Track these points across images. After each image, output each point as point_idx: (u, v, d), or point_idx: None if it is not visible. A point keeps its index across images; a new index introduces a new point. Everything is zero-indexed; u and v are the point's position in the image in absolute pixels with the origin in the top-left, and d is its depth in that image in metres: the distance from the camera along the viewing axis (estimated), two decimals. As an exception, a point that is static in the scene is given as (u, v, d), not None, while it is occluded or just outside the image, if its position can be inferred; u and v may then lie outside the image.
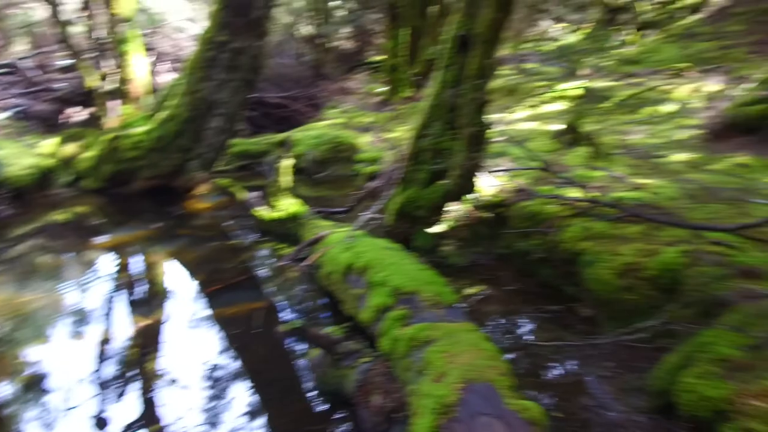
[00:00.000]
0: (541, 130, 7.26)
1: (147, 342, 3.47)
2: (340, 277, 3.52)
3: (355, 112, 9.77)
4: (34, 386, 3.01)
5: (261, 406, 2.85)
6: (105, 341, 3.47)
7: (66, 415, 2.78)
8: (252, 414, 2.78)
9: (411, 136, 4.54)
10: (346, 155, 7.01)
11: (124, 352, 3.36)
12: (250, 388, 3.00)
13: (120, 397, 2.92)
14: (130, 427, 2.69)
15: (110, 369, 3.17)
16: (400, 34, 10.17)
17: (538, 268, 4.04)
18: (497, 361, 2.22)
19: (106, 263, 4.80)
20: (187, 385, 3.03)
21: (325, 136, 7.24)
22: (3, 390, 2.97)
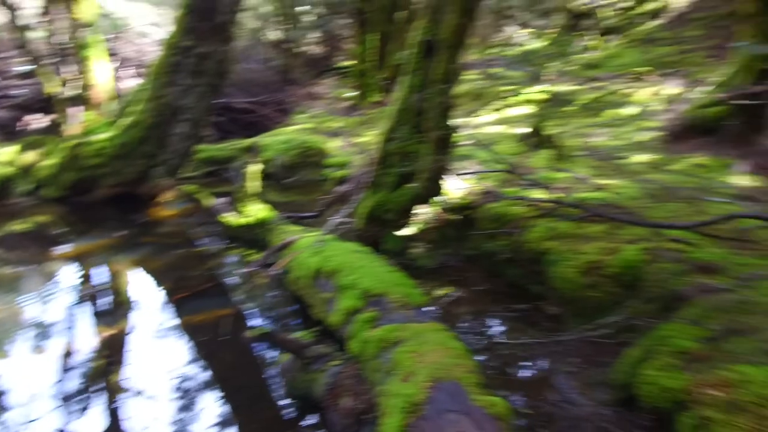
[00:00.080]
0: (507, 133, 7.39)
1: (112, 353, 3.39)
2: (309, 282, 3.51)
3: (324, 116, 9.76)
4: (-7, 401, 2.91)
5: (230, 414, 2.81)
6: (68, 354, 3.38)
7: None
8: (221, 423, 2.75)
9: (379, 141, 4.56)
10: (315, 160, 7.00)
11: (88, 364, 3.27)
12: (219, 396, 2.96)
13: (84, 411, 2.84)
14: (94, 440, 2.63)
15: (74, 382, 3.08)
16: (368, 39, 10.21)
17: (505, 269, 4.10)
18: (465, 359, 2.25)
19: (69, 274, 4.68)
20: (154, 396, 2.97)
21: (293, 141, 7.21)
22: (-42, 406, 2.86)
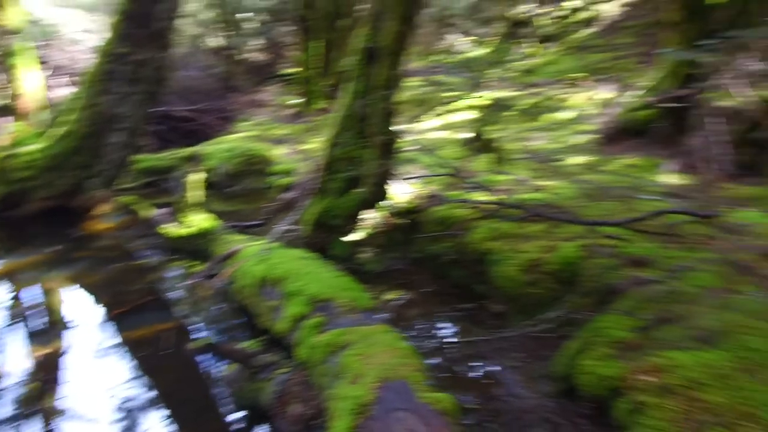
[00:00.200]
0: (450, 138, 7.53)
1: (47, 375, 3.21)
2: (255, 290, 3.46)
3: (269, 124, 9.64)
4: None
5: (176, 430, 2.72)
6: (-3, 376, 3.19)
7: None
8: (165, 438, 2.66)
9: (325, 147, 4.56)
10: (260, 168, 6.90)
11: (21, 387, 3.09)
12: (163, 412, 2.87)
13: (16, 435, 2.69)
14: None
15: (6, 408, 2.91)
16: (312, 47, 10.19)
17: (451, 270, 4.18)
18: (412, 359, 2.27)
19: (-3, 292, 4.41)
20: (94, 418, 2.84)
21: (237, 149, 7.09)
22: None
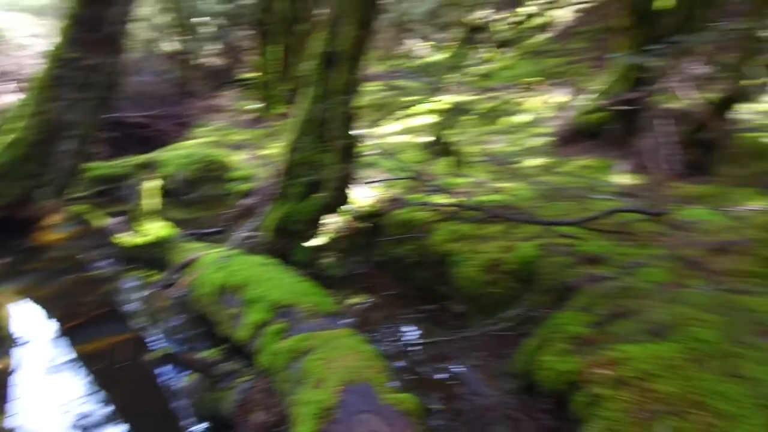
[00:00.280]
0: (411, 142, 7.59)
1: (-6, 391, 3.08)
2: (215, 298, 3.40)
3: (227, 129, 9.49)
4: None
5: (133, 443, 2.65)
6: (-61, 396, 3.02)
7: None
8: (123, 452, 2.58)
9: (284, 152, 4.53)
10: (219, 174, 6.78)
11: (-35, 405, 2.95)
12: (121, 426, 2.78)
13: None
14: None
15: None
16: (270, 51, 10.10)
17: (413, 272, 4.21)
18: (375, 361, 2.28)
19: (-61, 308, 4.19)
20: (46, 433, 2.73)
21: (194, 156, 6.95)
22: None
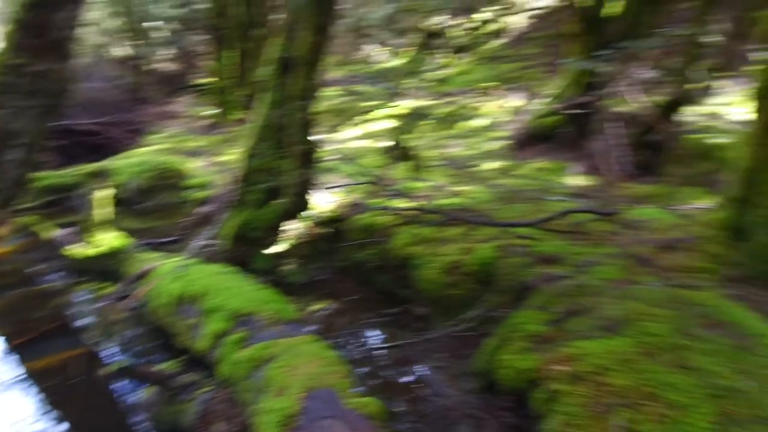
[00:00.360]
0: (370, 147, 7.62)
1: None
2: (172, 309, 3.32)
3: (182, 136, 9.30)
4: None
5: (88, 462, 2.55)
6: None
7: None
8: (77, 472, 2.48)
9: (242, 158, 4.47)
10: (174, 182, 6.63)
11: None
12: (74, 443, 2.68)
13: None
14: None
15: None
16: (226, 56, 9.96)
17: (375, 276, 4.22)
18: (338, 367, 2.27)
19: None
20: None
21: (148, 163, 6.78)
22: None
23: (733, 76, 5.95)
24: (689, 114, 5.54)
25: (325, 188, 5.07)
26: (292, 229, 4.65)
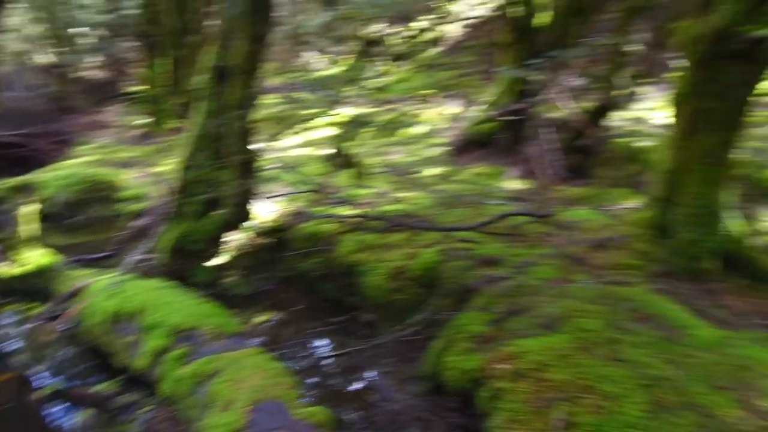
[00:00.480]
0: (312, 155, 7.58)
1: None
2: (108, 327, 3.18)
3: (114, 146, 8.91)
4: None
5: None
6: None
7: None
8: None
9: (178, 169, 4.35)
10: (106, 194, 6.33)
11: None
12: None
13: None
14: None
15: None
16: (159, 63, 9.65)
17: (321, 285, 4.20)
18: (284, 378, 2.25)
19: None
20: None
21: (77, 176, 6.45)
22: None
23: (655, 83, 6.34)
24: (616, 119, 5.84)
25: (267, 198, 5.01)
26: (234, 240, 4.56)
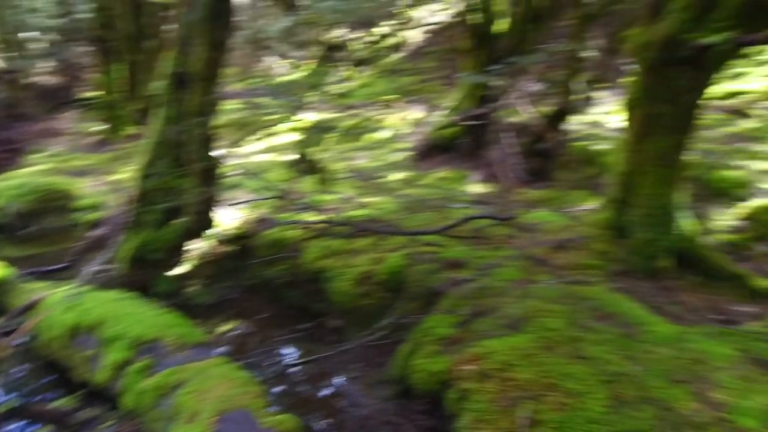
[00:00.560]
0: (275, 161, 7.51)
1: None
2: (66, 341, 3.07)
3: (68, 154, 8.63)
4: None
5: None
6: None
7: None
8: None
9: (137, 177, 4.25)
10: (61, 204, 6.12)
11: None
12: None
13: None
14: None
15: None
16: (115, 69, 9.42)
17: (286, 292, 4.17)
18: (250, 387, 2.23)
19: None
20: None
21: (30, 185, 6.21)
22: None
23: (610, 88, 6.55)
24: (574, 123, 6.01)
25: (230, 205, 4.94)
26: (196, 248, 4.48)
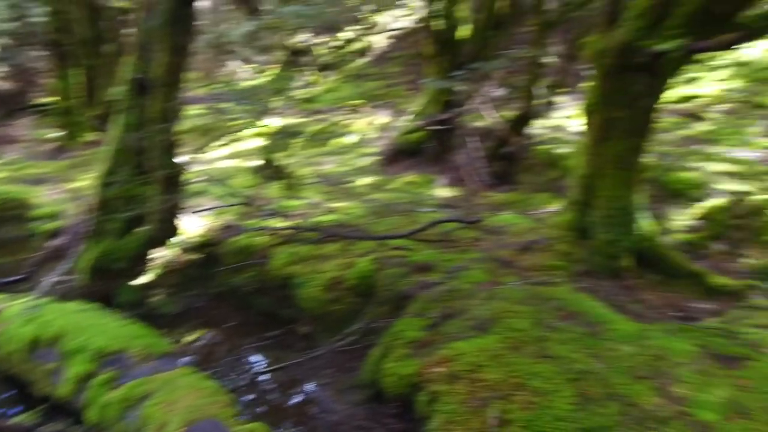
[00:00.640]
0: (240, 166, 7.43)
1: None
2: (25, 355, 2.97)
3: (23, 162, 8.34)
4: None
5: None
6: None
7: None
8: None
9: (96, 185, 4.14)
10: (17, 213, 5.91)
11: None
12: None
13: None
14: None
15: None
16: (72, 74, 9.15)
17: (254, 299, 4.12)
18: (219, 396, 2.21)
19: None
20: None
21: (-16, 194, 5.99)
22: None
23: (571, 92, 6.72)
24: (537, 127, 6.14)
25: (194, 212, 4.86)
26: (160, 257, 4.39)
